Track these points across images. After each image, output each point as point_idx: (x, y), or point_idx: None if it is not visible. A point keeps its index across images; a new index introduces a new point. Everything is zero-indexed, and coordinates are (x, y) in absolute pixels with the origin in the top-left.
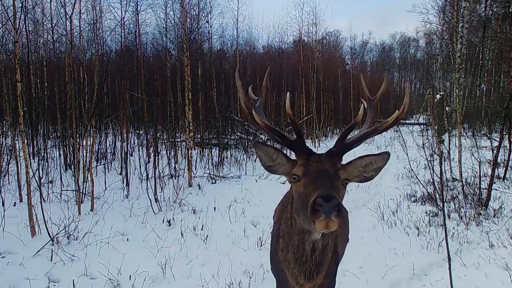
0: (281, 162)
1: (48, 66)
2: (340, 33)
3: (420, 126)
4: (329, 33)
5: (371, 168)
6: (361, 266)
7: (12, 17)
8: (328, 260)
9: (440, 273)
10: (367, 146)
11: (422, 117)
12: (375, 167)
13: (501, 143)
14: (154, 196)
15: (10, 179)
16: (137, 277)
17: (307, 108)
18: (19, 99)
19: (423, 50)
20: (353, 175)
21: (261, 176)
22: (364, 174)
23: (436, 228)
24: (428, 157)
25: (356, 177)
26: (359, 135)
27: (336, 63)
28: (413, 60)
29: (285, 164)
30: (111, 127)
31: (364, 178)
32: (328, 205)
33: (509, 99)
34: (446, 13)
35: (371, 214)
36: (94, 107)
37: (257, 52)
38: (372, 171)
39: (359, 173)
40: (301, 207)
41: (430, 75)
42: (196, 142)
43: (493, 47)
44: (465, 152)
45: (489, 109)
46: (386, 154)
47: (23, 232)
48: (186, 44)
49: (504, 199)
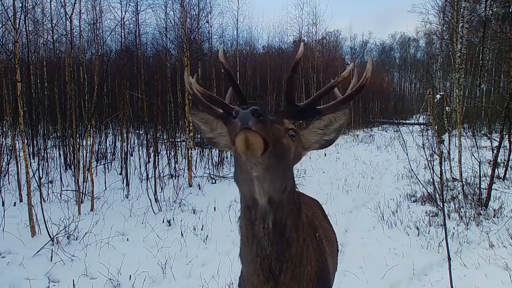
0: (222, 132)
1: (48, 66)
2: (340, 33)
3: (420, 126)
4: (329, 33)
5: (331, 128)
6: (361, 266)
7: (12, 17)
8: (295, 251)
9: (440, 273)
10: (367, 146)
11: (422, 117)
12: (336, 127)
13: (501, 143)
14: (154, 196)
15: (10, 179)
16: (137, 277)
17: None
18: (19, 99)
19: (423, 50)
20: (312, 141)
21: None
22: (324, 138)
23: (436, 228)
24: (428, 157)
25: (316, 143)
26: (312, 96)
27: (336, 63)
28: (413, 60)
29: (226, 134)
30: (111, 127)
31: (324, 142)
32: (245, 111)
33: (509, 99)
34: (446, 13)
35: (371, 214)
36: (94, 107)
37: (257, 52)
38: (333, 132)
39: (318, 137)
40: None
41: (430, 75)
42: (196, 142)
43: (493, 47)
44: (465, 152)
45: (489, 109)
46: (347, 109)
47: (23, 232)
48: (186, 44)
49: (504, 199)
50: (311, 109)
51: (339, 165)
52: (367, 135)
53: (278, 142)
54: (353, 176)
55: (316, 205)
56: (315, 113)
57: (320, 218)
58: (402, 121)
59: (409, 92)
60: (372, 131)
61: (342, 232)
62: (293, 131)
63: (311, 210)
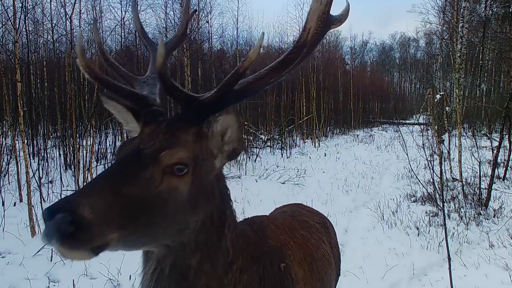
0: (134, 129)
1: (48, 66)
2: (340, 33)
3: (420, 126)
4: (329, 33)
5: (230, 137)
6: (361, 266)
7: (12, 17)
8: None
9: (440, 273)
10: (367, 146)
11: (422, 117)
12: (233, 136)
13: (501, 143)
14: None
15: (10, 179)
16: (137, 277)
17: (307, 108)
18: (19, 99)
19: (423, 50)
20: (215, 151)
21: (261, 176)
22: (225, 148)
23: (436, 228)
24: (428, 157)
25: (222, 153)
26: (220, 85)
27: (336, 63)
28: (413, 60)
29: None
30: (111, 127)
31: (230, 153)
32: (48, 223)
33: (509, 99)
34: (446, 13)
35: (371, 214)
36: (94, 107)
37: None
38: (233, 141)
39: (219, 145)
40: None
41: (430, 75)
42: None
43: (493, 47)
44: (465, 152)
45: (489, 109)
46: (230, 110)
47: (23, 232)
48: (186, 44)
49: (504, 199)
50: (220, 103)
51: (339, 165)
52: (367, 135)
53: (139, 217)
54: (353, 176)
55: (319, 222)
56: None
57: (311, 241)
58: (402, 121)
59: (409, 92)
60: (372, 131)
61: (342, 232)
62: (179, 165)
63: (298, 231)
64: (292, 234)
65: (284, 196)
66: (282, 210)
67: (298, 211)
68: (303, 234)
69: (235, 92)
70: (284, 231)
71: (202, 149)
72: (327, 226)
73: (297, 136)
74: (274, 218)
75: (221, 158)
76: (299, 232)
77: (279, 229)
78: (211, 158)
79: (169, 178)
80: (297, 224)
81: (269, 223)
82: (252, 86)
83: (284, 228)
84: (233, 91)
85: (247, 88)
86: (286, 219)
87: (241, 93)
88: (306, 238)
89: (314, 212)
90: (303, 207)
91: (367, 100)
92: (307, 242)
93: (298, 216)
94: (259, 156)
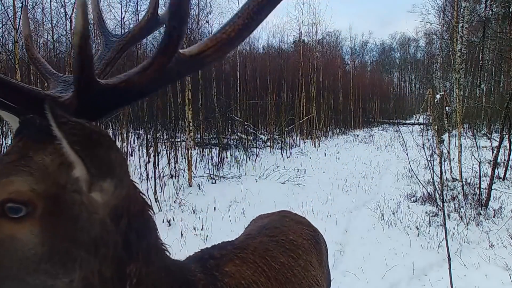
0: None
1: None
2: (340, 33)
3: (420, 126)
4: (329, 33)
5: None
6: (361, 266)
7: (12, 17)
8: None
9: (440, 273)
10: (367, 146)
11: (422, 117)
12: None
13: (501, 143)
14: (154, 196)
15: None
16: None
17: (307, 108)
18: None
19: (423, 50)
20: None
21: (261, 176)
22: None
23: (436, 228)
24: (428, 157)
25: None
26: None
27: (336, 63)
28: (413, 60)
29: None
30: (111, 127)
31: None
32: None
33: (509, 99)
34: (446, 13)
35: (371, 214)
36: None
37: (257, 52)
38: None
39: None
40: None
41: (430, 75)
42: (196, 142)
43: (493, 47)
44: (465, 152)
45: (489, 109)
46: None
47: None
48: (186, 44)
49: (504, 199)
50: (83, 106)
51: (339, 165)
52: (367, 135)
53: None
54: (353, 176)
55: (309, 238)
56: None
57: (295, 270)
58: (402, 121)
59: (409, 92)
60: (372, 131)
61: (342, 232)
62: (13, 202)
63: (277, 259)
64: (267, 266)
65: (284, 196)
66: (263, 225)
67: (284, 225)
68: (283, 262)
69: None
70: (253, 264)
71: (71, 177)
72: (319, 242)
73: (297, 136)
74: (242, 246)
75: (107, 189)
76: (278, 259)
77: (246, 262)
78: (88, 190)
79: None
80: (277, 248)
81: (232, 256)
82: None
83: (254, 260)
84: (100, 88)
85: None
86: (262, 243)
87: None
88: (288, 267)
89: (303, 224)
90: (290, 218)
91: (367, 100)
92: (289, 273)
93: (281, 235)
94: (259, 156)
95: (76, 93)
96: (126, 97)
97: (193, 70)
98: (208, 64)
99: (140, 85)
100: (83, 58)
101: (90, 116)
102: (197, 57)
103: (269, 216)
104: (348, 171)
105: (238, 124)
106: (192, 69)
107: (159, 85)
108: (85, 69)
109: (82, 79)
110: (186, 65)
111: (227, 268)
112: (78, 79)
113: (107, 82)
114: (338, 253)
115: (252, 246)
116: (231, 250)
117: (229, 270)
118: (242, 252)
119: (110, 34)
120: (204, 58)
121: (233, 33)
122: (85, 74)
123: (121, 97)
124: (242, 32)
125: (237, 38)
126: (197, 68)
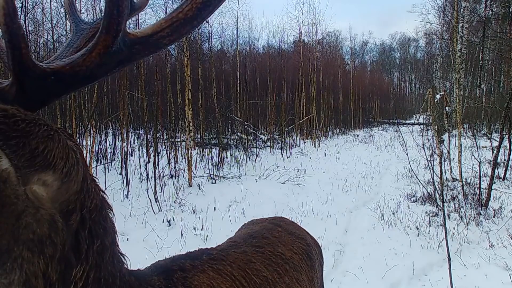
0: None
1: None
2: (340, 33)
3: (420, 126)
4: (329, 33)
5: None
6: (361, 266)
7: None
8: None
9: (440, 273)
10: (367, 146)
11: (422, 117)
12: None
13: (501, 143)
14: (154, 196)
15: None
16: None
17: (307, 108)
18: None
19: (423, 50)
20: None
21: (261, 176)
22: None
23: (436, 228)
24: (428, 157)
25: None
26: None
27: (336, 63)
28: (413, 60)
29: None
30: (111, 127)
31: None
32: None
33: (509, 99)
34: (446, 13)
35: (371, 214)
36: (94, 107)
37: (257, 52)
38: None
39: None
40: None
41: (430, 75)
42: (196, 142)
43: (493, 47)
44: (465, 152)
45: (489, 109)
46: None
47: None
48: (186, 44)
49: (504, 199)
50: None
51: (339, 165)
52: (367, 135)
53: None
54: (353, 176)
55: (301, 253)
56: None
57: (278, 286)
58: (402, 121)
59: (409, 92)
60: (372, 131)
61: (342, 232)
62: None
63: (259, 273)
64: (246, 279)
65: (284, 196)
66: (252, 233)
67: (274, 235)
68: (266, 277)
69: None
70: (230, 277)
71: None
72: (311, 257)
73: (297, 136)
74: (220, 257)
75: (51, 183)
76: (261, 273)
77: (222, 274)
78: (23, 183)
79: None
80: (262, 260)
81: (206, 267)
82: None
83: (232, 272)
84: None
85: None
86: (245, 254)
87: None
88: (272, 282)
89: (295, 236)
90: (283, 228)
91: (367, 100)
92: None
93: (268, 246)
94: (259, 156)
95: (13, 78)
96: (71, 82)
97: (148, 53)
98: (164, 46)
99: (86, 69)
100: (12, 36)
101: (32, 103)
102: (151, 39)
103: (261, 222)
104: (348, 171)
105: (238, 124)
106: (146, 52)
107: (108, 69)
108: (16, 50)
109: (16, 61)
110: (138, 47)
111: (196, 281)
112: (12, 61)
113: (49, 66)
114: (338, 253)
115: (232, 257)
116: (206, 261)
117: (198, 284)
118: (218, 263)
119: (81, 21)
120: (158, 39)
121: (191, 12)
122: (17, 55)
123: (65, 82)
124: (201, 11)
125: (195, 18)
126: (152, 51)
